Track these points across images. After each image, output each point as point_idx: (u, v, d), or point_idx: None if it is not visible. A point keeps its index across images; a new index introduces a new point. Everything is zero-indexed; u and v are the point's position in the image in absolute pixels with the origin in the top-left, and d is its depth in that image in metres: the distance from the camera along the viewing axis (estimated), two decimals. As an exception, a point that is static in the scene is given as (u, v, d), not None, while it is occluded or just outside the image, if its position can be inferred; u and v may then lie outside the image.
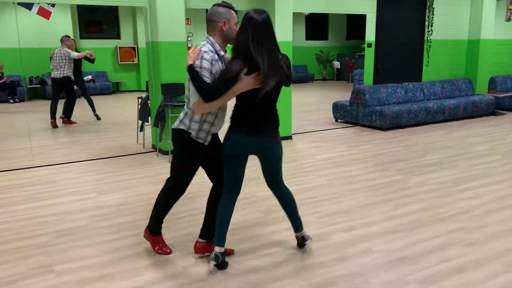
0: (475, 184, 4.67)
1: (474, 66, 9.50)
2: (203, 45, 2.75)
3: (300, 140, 6.98)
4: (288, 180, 4.77)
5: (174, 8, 5.67)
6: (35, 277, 2.83)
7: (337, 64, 18.52)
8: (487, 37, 9.39)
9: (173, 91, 5.80)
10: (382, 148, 6.34)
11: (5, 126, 8.47)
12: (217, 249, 2.85)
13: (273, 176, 3.04)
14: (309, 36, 18.69)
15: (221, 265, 2.86)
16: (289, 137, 6.97)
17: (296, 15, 17.94)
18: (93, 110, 8.94)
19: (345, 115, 8.37)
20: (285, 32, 6.72)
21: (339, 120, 8.61)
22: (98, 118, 8.94)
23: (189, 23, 15.68)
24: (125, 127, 8.05)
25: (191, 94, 2.73)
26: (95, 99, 9.44)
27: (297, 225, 3.16)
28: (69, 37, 8.81)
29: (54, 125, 8.11)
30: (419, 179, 4.85)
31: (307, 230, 3.50)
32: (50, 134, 7.60)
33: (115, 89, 14.43)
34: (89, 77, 13.34)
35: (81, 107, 9.59)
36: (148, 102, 6.27)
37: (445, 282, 2.76)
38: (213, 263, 2.83)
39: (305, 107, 10.71)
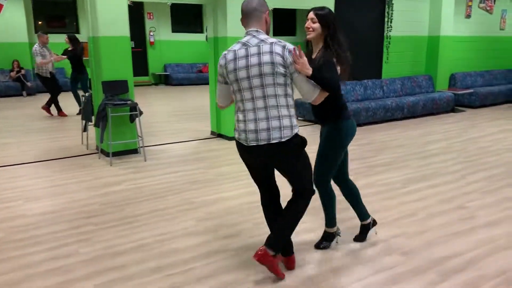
0: (423, 185, 4.55)
1: (434, 62, 9.48)
2: (275, 42, 2.50)
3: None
4: (235, 183, 4.58)
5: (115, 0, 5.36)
6: None
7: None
8: (447, 34, 9.38)
9: (115, 89, 5.48)
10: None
11: None
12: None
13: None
14: (276, 32, 18.51)
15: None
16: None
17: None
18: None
19: (304, 113, 8.21)
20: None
21: (299, 118, 8.44)
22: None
23: (151, 17, 15.26)
24: (73, 126, 7.66)
25: (309, 91, 2.61)
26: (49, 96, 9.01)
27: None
28: (43, 33, 8.70)
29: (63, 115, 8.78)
30: (368, 180, 4.70)
31: (240, 239, 3.31)
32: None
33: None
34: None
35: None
36: (92, 101, 5.94)
37: (375, 296, 2.59)
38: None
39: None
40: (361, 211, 3.25)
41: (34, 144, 6.39)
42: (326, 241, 3.19)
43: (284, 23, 18.63)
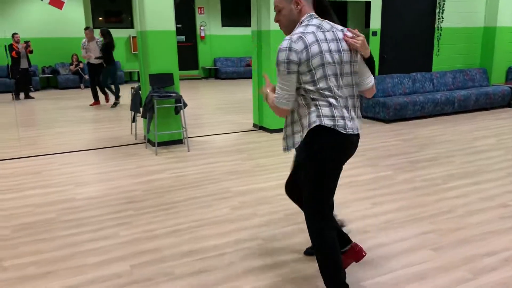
0: (465, 182, 4.40)
1: (489, 55, 9.02)
2: (340, 28, 2.29)
3: (297, 132, 6.78)
4: (270, 175, 4.67)
5: (161, -4, 5.58)
6: (-19, 272, 2.81)
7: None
8: (504, 24, 8.88)
9: (161, 82, 5.71)
10: (378, 141, 6.09)
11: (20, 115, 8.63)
12: None
13: None
14: (327, 24, 18.30)
15: None
16: (280, 130, 6.79)
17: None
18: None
19: (349, 106, 8.10)
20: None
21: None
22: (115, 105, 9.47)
23: (202, 12, 15.57)
24: (124, 117, 8.05)
25: (370, 76, 2.34)
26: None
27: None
28: (85, 28, 9.33)
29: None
30: (407, 175, 4.61)
31: (271, 228, 3.39)
32: (49, 123, 7.66)
33: (128, 78, 14.52)
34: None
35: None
36: (140, 93, 6.22)
37: (400, 289, 2.58)
38: None
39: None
40: None
41: (87, 133, 6.80)
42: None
43: (337, 15, 18.36)
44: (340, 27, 2.30)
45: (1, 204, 3.96)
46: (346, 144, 2.25)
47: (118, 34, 14.40)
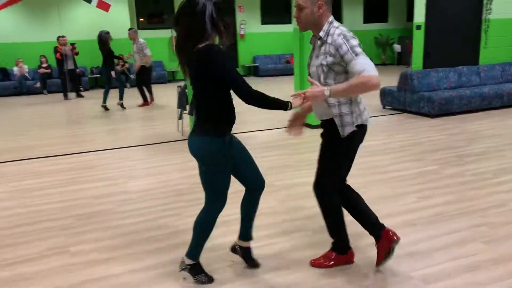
0: (517, 176, 4.30)
1: (541, 46, 8.66)
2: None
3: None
4: (312, 170, 4.71)
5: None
6: (50, 257, 3.04)
7: (397, 48, 17.74)
8: (558, 14, 8.50)
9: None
10: (424, 136, 6.01)
11: (67, 113, 9.11)
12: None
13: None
14: (367, 19, 18.03)
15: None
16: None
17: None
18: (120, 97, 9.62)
19: (392, 101, 8.02)
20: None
21: (386, 107, 8.27)
22: (122, 107, 9.53)
23: (242, 10, 15.75)
24: (170, 115, 8.32)
25: None
26: (153, 88, 9.96)
27: (189, 248, 2.68)
28: (131, 28, 9.67)
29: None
30: (455, 170, 4.55)
31: (318, 220, 3.45)
32: (100, 121, 8.03)
33: (171, 78, 14.91)
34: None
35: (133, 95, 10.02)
36: (186, 90, 6.42)
37: (451, 280, 2.59)
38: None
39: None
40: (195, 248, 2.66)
41: (136, 131, 7.10)
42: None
43: (376, 10, 18.07)
44: None
45: (64, 196, 4.24)
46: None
47: (161, 34, 14.84)
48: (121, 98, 9.42)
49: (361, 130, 2.57)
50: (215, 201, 2.59)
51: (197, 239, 2.62)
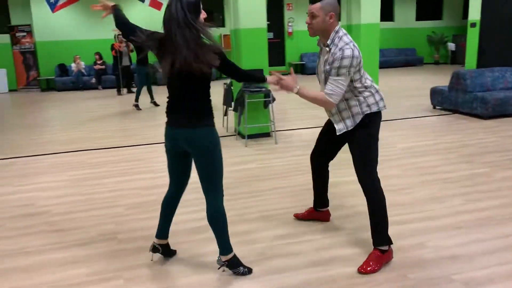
0: None
1: None
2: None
3: (387, 127, 6.67)
4: (339, 170, 4.67)
5: (254, -5, 5.83)
6: (100, 242, 3.23)
7: (451, 46, 17.08)
8: None
9: (252, 77, 5.95)
10: (475, 138, 5.79)
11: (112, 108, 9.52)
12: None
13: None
14: (420, 16, 17.49)
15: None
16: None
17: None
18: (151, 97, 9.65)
19: (443, 101, 7.76)
20: (372, 13, 6.41)
21: (437, 107, 8.02)
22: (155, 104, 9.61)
23: (291, 8, 15.73)
24: (217, 112, 8.48)
25: None
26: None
27: (219, 247, 2.71)
28: None
29: None
30: (507, 173, 4.36)
31: (359, 220, 3.44)
32: (148, 116, 8.34)
33: (218, 75, 15.16)
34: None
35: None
36: (232, 88, 6.54)
37: (494, 286, 2.51)
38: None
39: (404, 93, 10.18)
40: (225, 244, 2.70)
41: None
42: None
43: (429, 7, 17.48)
44: None
45: (115, 186, 4.46)
46: None
47: (210, 32, 15.08)
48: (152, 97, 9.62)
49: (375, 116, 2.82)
50: (221, 189, 2.67)
51: (223, 233, 2.67)
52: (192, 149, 2.56)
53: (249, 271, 2.74)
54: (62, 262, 2.96)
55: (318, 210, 3.43)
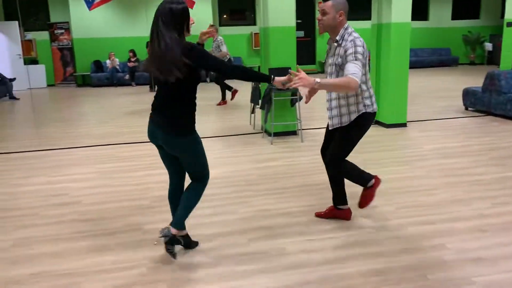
0: None
1: None
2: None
3: (415, 128, 6.58)
4: (383, 168, 4.66)
5: (284, -6, 5.86)
6: (126, 233, 3.35)
7: (488, 46, 16.55)
8: None
9: (280, 75, 5.98)
10: (507, 141, 5.63)
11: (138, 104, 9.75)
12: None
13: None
14: (456, 15, 17.03)
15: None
16: (403, 125, 6.63)
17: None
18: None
19: (476, 102, 7.57)
20: (403, 12, 6.31)
21: (469, 108, 7.83)
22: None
23: (322, 7, 15.63)
24: (244, 109, 8.57)
25: None
26: (230, 83, 10.16)
27: (176, 220, 2.89)
28: (212, 25, 9.85)
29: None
30: (539, 177, 4.24)
31: (380, 219, 3.43)
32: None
33: (248, 73, 15.25)
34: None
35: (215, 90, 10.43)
36: (260, 86, 6.59)
37: (517, 290, 2.47)
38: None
39: (436, 93, 9.97)
40: (180, 219, 2.89)
41: (211, 123, 7.42)
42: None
43: (466, 5, 16.98)
44: None
45: (141, 179, 4.60)
46: None
47: (241, 31, 15.23)
48: None
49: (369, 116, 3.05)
50: (204, 176, 2.94)
51: (189, 209, 2.91)
52: (168, 150, 2.78)
53: (174, 255, 2.90)
54: (90, 250, 3.10)
55: (338, 208, 3.45)
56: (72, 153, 5.79)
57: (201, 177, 2.91)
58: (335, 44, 2.96)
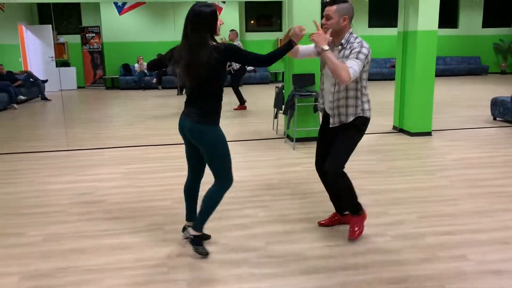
0: None
1: None
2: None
3: (440, 137, 6.50)
4: (406, 177, 4.63)
5: (309, 0, 5.90)
6: (147, 232, 3.45)
7: (520, 55, 16.16)
8: None
9: (302, 81, 6.04)
10: (536, 152, 5.50)
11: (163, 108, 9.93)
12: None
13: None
14: (487, 23, 16.69)
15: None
16: (427, 133, 6.56)
17: (470, 1, 16.20)
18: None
19: (505, 112, 7.42)
20: (430, 20, 6.26)
21: (497, 119, 7.67)
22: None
23: (349, 13, 15.59)
24: (267, 114, 8.63)
25: None
26: (255, 88, 10.23)
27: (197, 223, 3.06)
28: (233, 30, 9.93)
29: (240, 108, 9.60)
30: None
31: (401, 227, 3.42)
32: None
33: (273, 78, 15.34)
34: (251, 67, 14.45)
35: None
36: (283, 91, 6.65)
37: (538, 304, 2.43)
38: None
39: (464, 102, 9.81)
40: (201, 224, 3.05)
41: (234, 127, 7.51)
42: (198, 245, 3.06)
43: (497, 11, 16.62)
44: None
45: (165, 181, 4.72)
46: None
47: (267, 37, 15.34)
48: None
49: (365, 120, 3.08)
50: (227, 177, 3.08)
51: (210, 212, 3.05)
52: (193, 141, 2.92)
53: (206, 253, 3.02)
54: (114, 247, 3.21)
55: (343, 214, 3.48)
56: (99, 153, 5.97)
57: (222, 178, 3.00)
58: (339, 47, 2.99)
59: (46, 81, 12.41)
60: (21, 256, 3.10)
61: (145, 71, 14.27)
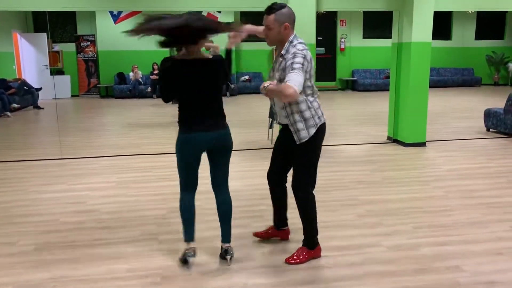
0: None
1: None
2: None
3: (434, 147, 6.52)
4: (400, 187, 4.63)
5: (304, 10, 5.94)
6: (141, 241, 3.42)
7: (512, 67, 16.34)
8: None
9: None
10: (528, 163, 5.54)
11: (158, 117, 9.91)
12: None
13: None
14: (480, 35, 16.89)
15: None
16: (422, 144, 6.58)
17: (463, 14, 16.41)
18: None
19: (497, 124, 7.47)
20: (424, 31, 6.32)
21: (490, 130, 7.73)
22: None
23: (344, 24, 15.72)
24: (262, 124, 8.63)
25: None
26: (250, 98, 10.26)
27: (228, 234, 3.12)
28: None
29: None
30: (560, 202, 4.15)
31: (396, 238, 3.42)
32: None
33: (268, 88, 15.37)
34: (246, 77, 14.50)
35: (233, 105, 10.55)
36: (279, 101, 6.65)
37: (533, 316, 2.42)
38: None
39: (457, 113, 9.88)
40: (227, 231, 3.12)
41: (232, 136, 7.49)
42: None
43: (490, 26, 16.84)
44: None
45: (158, 190, 4.68)
46: None
47: (262, 46, 15.38)
48: None
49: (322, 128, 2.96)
50: None
51: (231, 221, 3.17)
52: (220, 149, 3.06)
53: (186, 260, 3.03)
54: (106, 257, 3.16)
55: (280, 229, 3.42)
56: (91, 162, 5.93)
57: (227, 180, 3.24)
58: (280, 58, 2.83)
59: (40, 89, 12.36)
60: (12, 266, 3.05)
61: (140, 79, 14.26)
